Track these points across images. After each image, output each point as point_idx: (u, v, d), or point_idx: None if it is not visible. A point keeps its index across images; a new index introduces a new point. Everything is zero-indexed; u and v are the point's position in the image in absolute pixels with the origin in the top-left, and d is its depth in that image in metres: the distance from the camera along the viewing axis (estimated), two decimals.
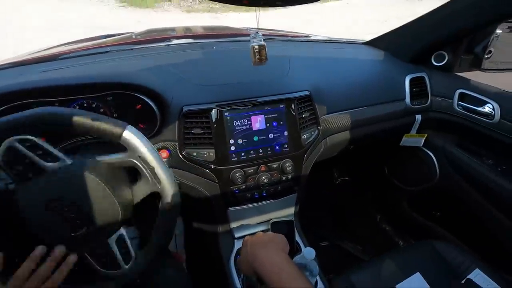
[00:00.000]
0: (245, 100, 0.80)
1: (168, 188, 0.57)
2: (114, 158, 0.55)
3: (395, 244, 1.39)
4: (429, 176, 1.19)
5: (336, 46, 1.30)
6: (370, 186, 1.58)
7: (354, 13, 8.35)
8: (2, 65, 0.95)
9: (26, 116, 0.50)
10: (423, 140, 1.15)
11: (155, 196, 0.59)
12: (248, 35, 1.34)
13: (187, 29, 1.48)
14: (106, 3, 9.33)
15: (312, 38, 1.32)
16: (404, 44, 1.16)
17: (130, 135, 0.53)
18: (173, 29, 1.47)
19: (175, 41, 1.16)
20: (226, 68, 0.93)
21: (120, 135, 0.52)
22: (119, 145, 0.54)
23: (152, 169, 0.55)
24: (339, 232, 1.48)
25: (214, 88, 0.83)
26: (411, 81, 1.06)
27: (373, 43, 1.29)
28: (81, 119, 0.51)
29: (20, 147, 0.50)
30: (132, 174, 0.59)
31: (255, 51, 0.70)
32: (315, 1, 0.55)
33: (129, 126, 0.54)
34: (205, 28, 1.51)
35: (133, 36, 1.38)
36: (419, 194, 1.30)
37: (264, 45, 0.71)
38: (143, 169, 0.55)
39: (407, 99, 1.06)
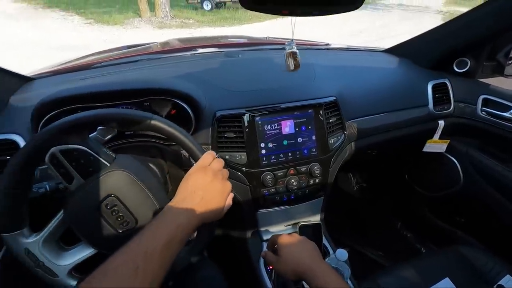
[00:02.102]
0: (276, 105, 0.83)
1: None
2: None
3: (417, 251, 1.38)
4: (452, 181, 1.19)
5: (356, 53, 1.33)
6: (389, 192, 1.58)
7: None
8: (41, 74, 1.01)
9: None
10: (446, 146, 1.15)
11: None
12: (267, 44, 1.39)
13: (209, 38, 1.53)
14: (70, 20, 8.46)
15: (331, 46, 1.36)
16: (425, 51, 1.18)
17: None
18: (195, 39, 1.53)
19: (200, 50, 1.21)
20: (253, 75, 0.97)
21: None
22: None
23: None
24: (358, 238, 1.47)
25: (245, 94, 0.86)
26: (433, 87, 1.08)
27: (392, 50, 1.31)
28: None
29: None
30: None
31: (290, 57, 0.73)
32: (351, 10, 0.58)
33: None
34: (226, 37, 1.56)
35: (158, 46, 1.44)
36: (441, 200, 1.29)
37: (297, 52, 0.74)
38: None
39: (430, 105, 1.07)
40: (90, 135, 0.58)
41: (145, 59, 1.12)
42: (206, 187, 0.50)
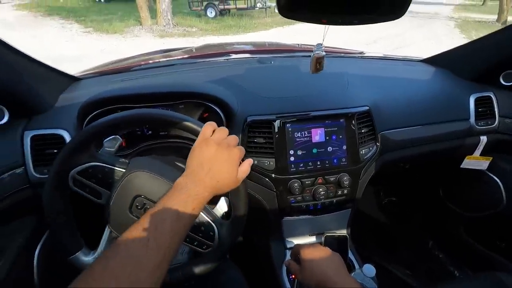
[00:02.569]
0: (307, 112, 0.83)
1: None
2: None
3: (450, 273, 1.29)
4: (494, 202, 1.11)
5: (391, 63, 1.29)
6: (420, 208, 1.50)
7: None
8: (87, 74, 1.09)
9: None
10: (487, 163, 1.08)
11: None
12: (300, 51, 1.39)
13: (243, 44, 1.56)
14: (68, 29, 8.31)
15: (366, 54, 1.33)
16: (468, 62, 1.12)
17: None
18: (229, 44, 1.57)
19: (233, 56, 1.23)
20: (285, 82, 0.97)
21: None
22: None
23: None
24: (385, 254, 1.41)
25: (276, 100, 0.87)
26: (476, 100, 1.02)
27: (431, 61, 1.26)
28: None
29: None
30: None
31: (316, 61, 0.73)
32: (392, 20, 0.57)
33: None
34: (259, 44, 1.58)
35: (193, 50, 1.49)
36: (480, 221, 1.21)
37: (323, 56, 0.74)
38: None
39: (472, 119, 1.01)
40: (99, 151, 0.61)
41: (180, 63, 1.16)
42: (211, 158, 0.50)
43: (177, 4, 13.17)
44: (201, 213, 0.60)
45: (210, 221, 0.60)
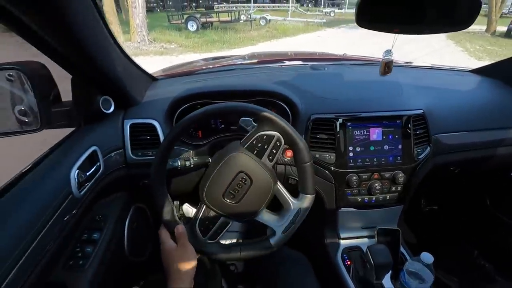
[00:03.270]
0: (367, 112, 0.91)
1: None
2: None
3: (497, 283, 1.28)
4: None
5: (440, 72, 1.34)
6: (465, 216, 1.49)
7: None
8: (159, 76, 1.24)
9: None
10: None
11: None
12: (347, 60, 1.47)
13: (292, 53, 1.68)
14: (27, 47, 7.42)
15: (413, 64, 1.38)
16: None
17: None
18: (277, 53, 1.69)
19: (287, 63, 1.34)
20: (342, 86, 1.06)
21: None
22: None
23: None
24: None
25: (336, 101, 0.96)
26: None
27: (480, 71, 1.29)
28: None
29: None
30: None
31: (385, 64, 0.81)
32: (461, 29, 0.64)
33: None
34: (306, 53, 1.69)
35: (246, 57, 1.62)
36: None
37: (392, 60, 0.82)
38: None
39: None
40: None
41: (240, 68, 1.29)
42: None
43: (156, 17, 12.93)
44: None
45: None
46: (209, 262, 1.00)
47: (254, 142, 0.69)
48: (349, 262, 0.92)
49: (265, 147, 0.69)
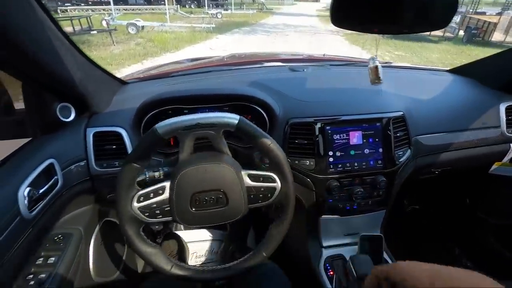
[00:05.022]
0: (346, 116, 0.87)
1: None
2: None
3: None
4: None
5: (419, 72, 1.33)
6: (446, 216, 1.50)
7: None
8: (130, 79, 1.16)
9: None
10: None
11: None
12: (325, 60, 1.44)
13: (271, 54, 1.63)
14: None
15: (393, 64, 1.38)
16: (495, 72, 1.16)
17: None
18: (257, 54, 1.64)
19: (266, 64, 1.30)
20: (320, 88, 1.03)
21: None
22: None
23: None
24: (413, 259, 1.41)
25: (314, 104, 0.92)
26: (507, 109, 1.05)
27: (457, 71, 1.30)
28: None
29: None
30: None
31: (373, 71, 0.78)
32: (440, 29, 0.62)
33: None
34: (286, 53, 1.65)
35: (225, 59, 1.57)
36: (509, 228, 1.21)
37: (378, 66, 0.79)
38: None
39: (503, 127, 1.04)
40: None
41: (216, 70, 1.23)
42: None
43: None
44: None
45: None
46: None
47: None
48: (331, 272, 0.88)
49: None
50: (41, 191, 0.65)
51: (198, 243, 1.34)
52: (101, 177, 0.82)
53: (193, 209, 0.61)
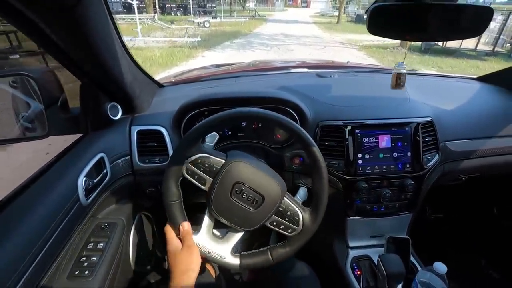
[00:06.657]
0: (376, 120, 0.90)
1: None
2: None
3: None
4: None
5: (445, 79, 1.34)
6: (471, 226, 1.48)
7: None
8: (164, 82, 1.23)
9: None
10: None
11: None
12: (349, 67, 1.47)
13: (296, 61, 1.68)
14: None
15: (418, 72, 1.39)
16: None
17: None
18: (282, 61, 1.69)
19: (292, 70, 1.35)
20: (349, 93, 1.06)
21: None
22: None
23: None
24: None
25: (344, 108, 0.95)
26: None
27: (484, 79, 1.30)
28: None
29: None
30: None
31: (397, 76, 0.81)
32: (473, 37, 0.64)
33: None
34: (310, 60, 1.69)
35: (251, 65, 1.63)
36: None
37: (404, 73, 0.82)
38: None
39: None
40: (204, 145, 0.70)
41: (245, 75, 1.29)
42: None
43: None
44: (286, 199, 0.68)
45: (295, 207, 0.68)
46: (213, 270, 0.97)
47: None
48: (358, 272, 0.90)
49: None
50: (94, 181, 0.71)
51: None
52: (143, 172, 0.88)
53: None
